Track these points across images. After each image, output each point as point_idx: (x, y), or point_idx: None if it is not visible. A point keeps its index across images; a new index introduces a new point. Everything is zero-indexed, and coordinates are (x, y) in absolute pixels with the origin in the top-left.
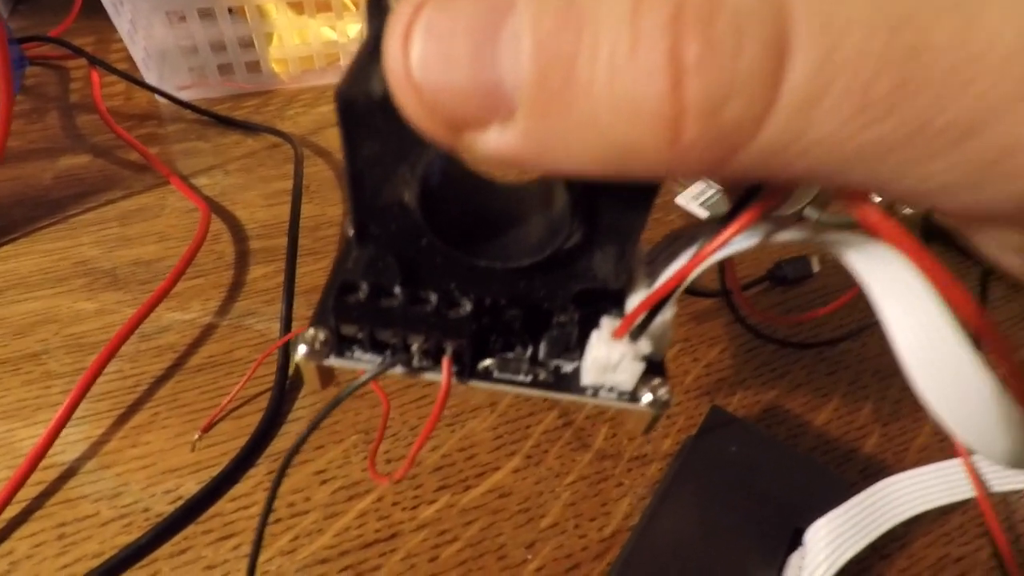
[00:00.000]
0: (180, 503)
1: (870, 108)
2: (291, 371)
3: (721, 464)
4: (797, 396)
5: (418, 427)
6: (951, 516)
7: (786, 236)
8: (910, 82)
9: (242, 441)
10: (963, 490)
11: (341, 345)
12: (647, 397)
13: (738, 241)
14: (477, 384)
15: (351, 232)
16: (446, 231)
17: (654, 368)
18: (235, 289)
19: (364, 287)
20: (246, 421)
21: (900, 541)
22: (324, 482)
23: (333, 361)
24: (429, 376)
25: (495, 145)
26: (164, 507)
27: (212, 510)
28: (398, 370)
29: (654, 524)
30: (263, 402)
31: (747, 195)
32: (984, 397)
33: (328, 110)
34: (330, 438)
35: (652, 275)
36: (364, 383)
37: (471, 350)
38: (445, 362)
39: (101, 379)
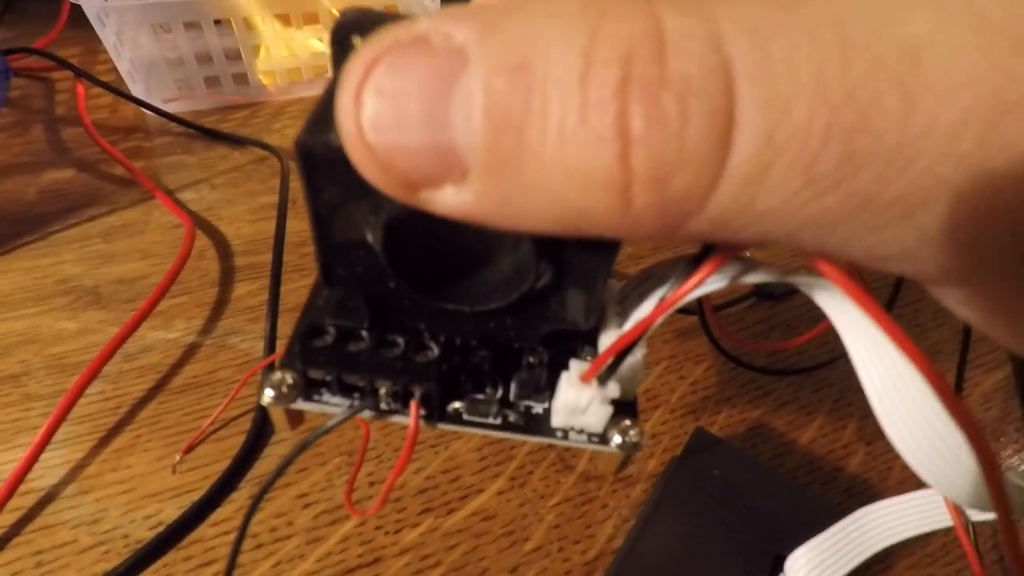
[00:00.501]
0: (160, 529)
1: (816, 182)
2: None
3: (705, 487)
4: (782, 415)
5: (400, 450)
6: (933, 537)
7: (755, 277)
8: (854, 158)
9: (224, 464)
10: (941, 519)
11: (309, 388)
12: (616, 439)
13: (706, 284)
14: (446, 427)
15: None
16: (412, 274)
17: (625, 408)
18: (219, 307)
19: (331, 330)
20: (228, 444)
21: (883, 563)
22: (307, 506)
23: (301, 404)
24: (398, 419)
25: (451, 203)
26: (144, 533)
27: (192, 536)
28: (366, 414)
29: (637, 548)
30: (246, 424)
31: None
32: (947, 448)
33: None
34: (313, 460)
35: (623, 313)
36: (331, 429)
37: (439, 393)
38: (413, 406)
39: (82, 401)
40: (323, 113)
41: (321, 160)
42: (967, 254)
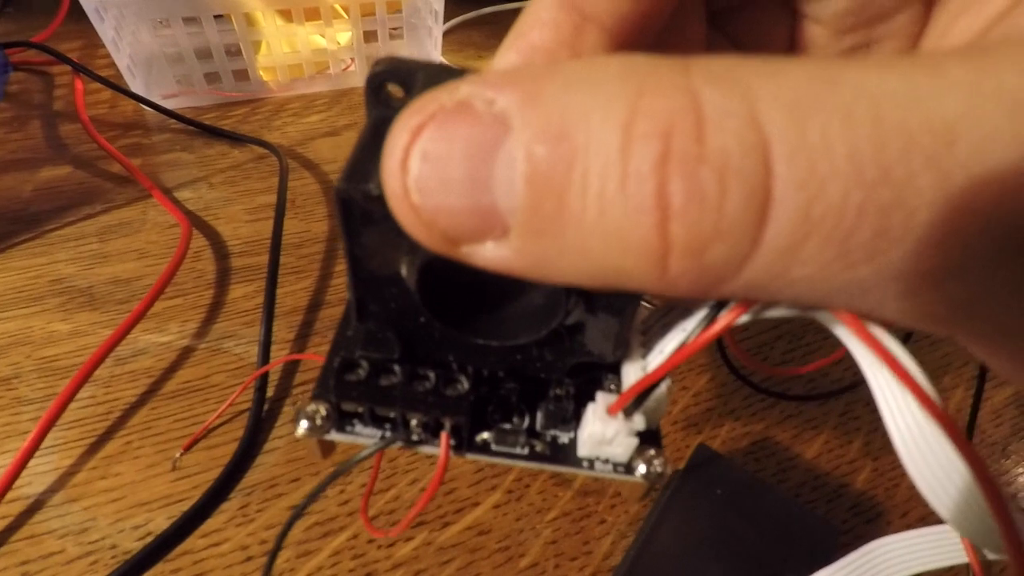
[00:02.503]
0: (149, 539)
1: (848, 255)
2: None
3: (706, 508)
4: (787, 428)
5: (396, 459)
6: (945, 572)
7: (777, 312)
8: (886, 233)
9: (215, 473)
10: (955, 555)
11: (341, 420)
12: (642, 469)
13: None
14: (475, 457)
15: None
16: (444, 310)
17: (650, 438)
18: (214, 310)
19: (364, 364)
20: (220, 452)
21: None
22: (299, 518)
23: (334, 436)
24: (427, 449)
25: (490, 257)
26: (132, 544)
27: (182, 547)
28: (397, 444)
29: (635, 568)
30: (238, 431)
31: None
32: (963, 488)
33: (316, 120)
34: (306, 470)
35: (647, 344)
36: (365, 458)
37: (469, 425)
38: (443, 437)
39: (73, 405)
40: (361, 159)
41: (360, 207)
42: (1000, 318)
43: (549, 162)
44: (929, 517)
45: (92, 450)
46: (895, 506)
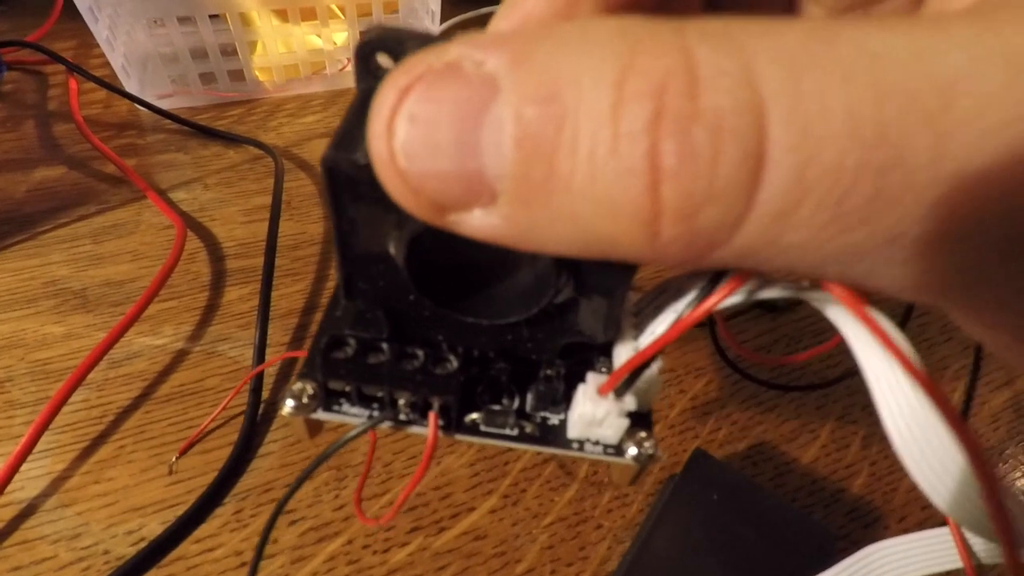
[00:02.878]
0: (142, 545)
1: (843, 218)
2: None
3: (702, 512)
4: (784, 431)
5: (391, 463)
6: None
7: (769, 293)
8: (884, 196)
9: (209, 477)
10: (950, 560)
11: (329, 399)
12: (632, 451)
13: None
14: (463, 438)
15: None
16: (433, 288)
17: (641, 420)
18: (209, 312)
19: (352, 342)
20: (214, 456)
21: None
22: (293, 523)
23: (321, 415)
24: (415, 429)
25: (478, 225)
26: (125, 549)
27: (175, 553)
28: (385, 424)
29: (632, 575)
30: (232, 435)
31: None
32: (957, 472)
33: (312, 120)
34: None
35: (639, 326)
36: (352, 439)
37: (458, 405)
38: (432, 417)
39: (66, 409)
40: (349, 129)
41: (346, 177)
42: (998, 287)
43: (538, 124)
44: (926, 522)
45: (85, 454)
46: (892, 510)
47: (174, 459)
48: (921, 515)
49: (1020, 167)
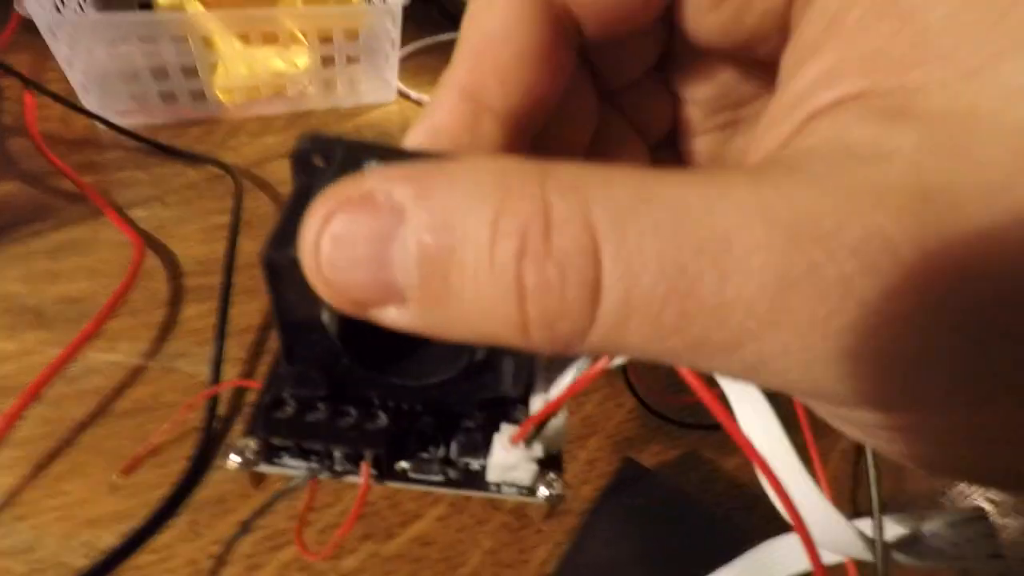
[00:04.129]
0: (96, 556)
1: (662, 329)
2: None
3: (630, 518)
4: (712, 441)
5: (338, 489)
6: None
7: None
8: (686, 313)
9: (165, 491)
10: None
11: (271, 453)
12: (543, 491)
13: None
14: (394, 484)
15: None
16: (364, 354)
17: (552, 463)
18: (166, 329)
19: (292, 402)
20: (170, 469)
21: None
22: (247, 532)
23: (264, 468)
24: (351, 479)
25: (393, 319)
26: (79, 561)
27: (129, 563)
28: (323, 475)
29: None
30: (188, 449)
31: None
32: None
33: (273, 141)
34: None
35: (549, 378)
36: (291, 490)
37: (388, 456)
38: (364, 468)
39: (20, 424)
40: (284, 226)
41: (284, 271)
42: (779, 377)
43: (435, 249)
44: None
45: (40, 469)
46: None
47: (114, 477)
48: None
49: (773, 294)
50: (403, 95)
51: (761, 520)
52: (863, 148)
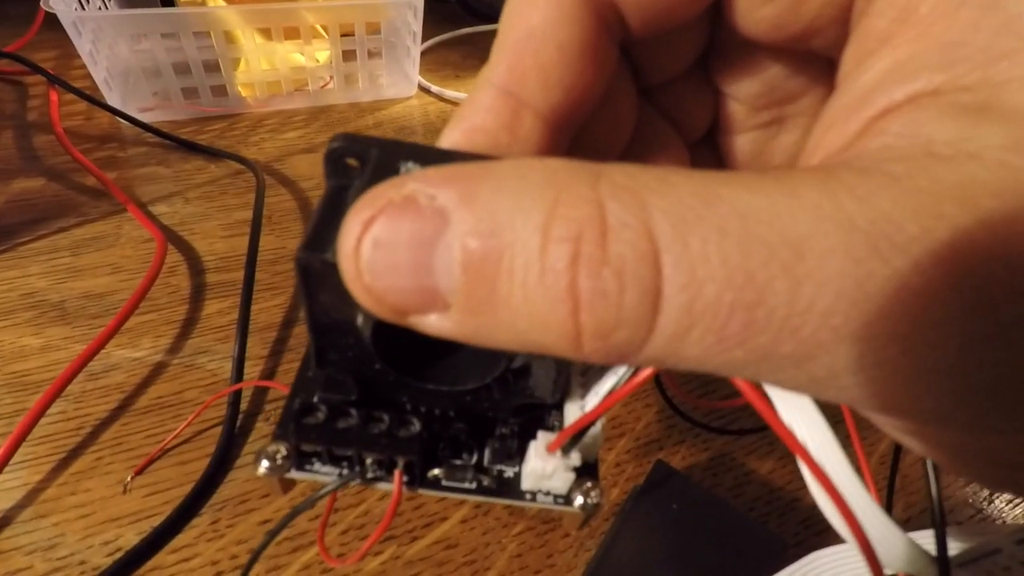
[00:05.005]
0: (118, 555)
1: (726, 341)
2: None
3: (663, 522)
4: (744, 444)
5: (360, 492)
6: None
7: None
8: (754, 324)
9: (186, 488)
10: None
11: (301, 459)
12: (579, 500)
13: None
14: (426, 492)
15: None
16: (397, 359)
17: (587, 471)
18: (188, 325)
19: (323, 408)
20: (192, 467)
21: None
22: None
23: (293, 474)
24: (382, 485)
25: (434, 326)
26: (101, 559)
27: (151, 563)
28: (354, 482)
29: None
30: (210, 446)
31: None
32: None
33: (294, 136)
34: None
35: (586, 385)
36: (321, 497)
37: (421, 463)
38: (397, 475)
39: (43, 421)
40: (319, 228)
41: (319, 274)
42: (847, 392)
43: (481, 254)
44: None
45: (62, 466)
46: None
47: (129, 479)
48: None
49: (849, 304)
50: (424, 89)
51: (798, 527)
52: (945, 147)
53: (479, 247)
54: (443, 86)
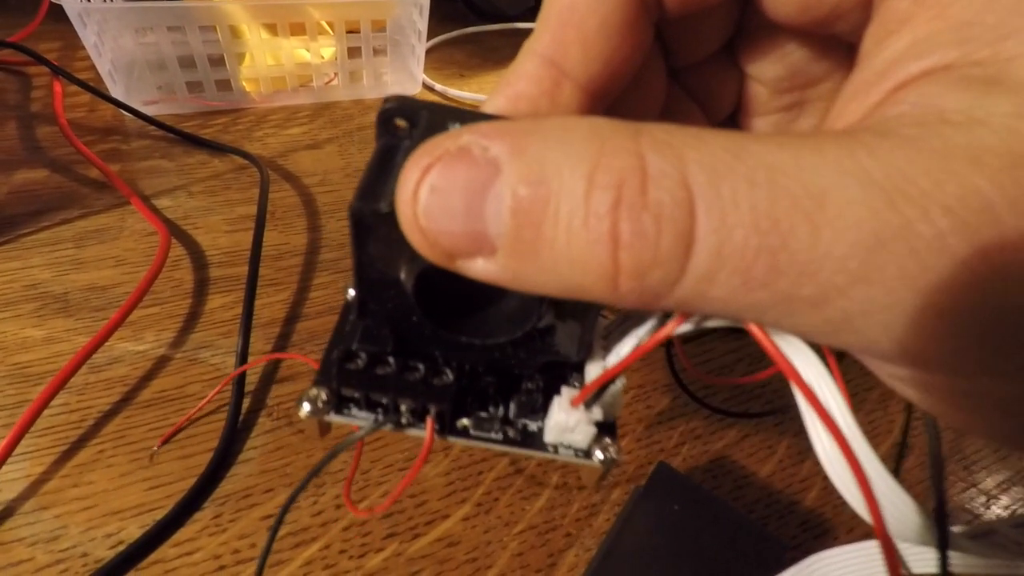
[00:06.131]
0: (121, 548)
1: (750, 282)
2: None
3: (664, 523)
4: (745, 447)
5: (369, 471)
6: None
7: (711, 323)
8: (776, 267)
9: (189, 483)
10: (883, 569)
11: (340, 404)
12: (599, 455)
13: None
14: (455, 440)
15: (349, 295)
16: (434, 311)
17: (607, 429)
18: (191, 320)
19: (362, 355)
20: (194, 461)
21: None
22: (271, 527)
23: (332, 417)
24: (413, 432)
25: (480, 270)
26: (104, 552)
27: (154, 556)
28: (387, 427)
29: None
30: (212, 441)
31: None
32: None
33: (297, 132)
34: (280, 480)
35: (607, 347)
36: (359, 439)
37: (451, 412)
38: (429, 422)
39: (45, 412)
40: (370, 181)
41: (369, 222)
42: (862, 335)
43: (530, 200)
44: (872, 532)
45: (65, 458)
46: (842, 522)
47: (155, 448)
48: (868, 527)
49: (865, 252)
50: (428, 88)
51: (796, 530)
52: (956, 115)
53: (528, 194)
54: (447, 85)
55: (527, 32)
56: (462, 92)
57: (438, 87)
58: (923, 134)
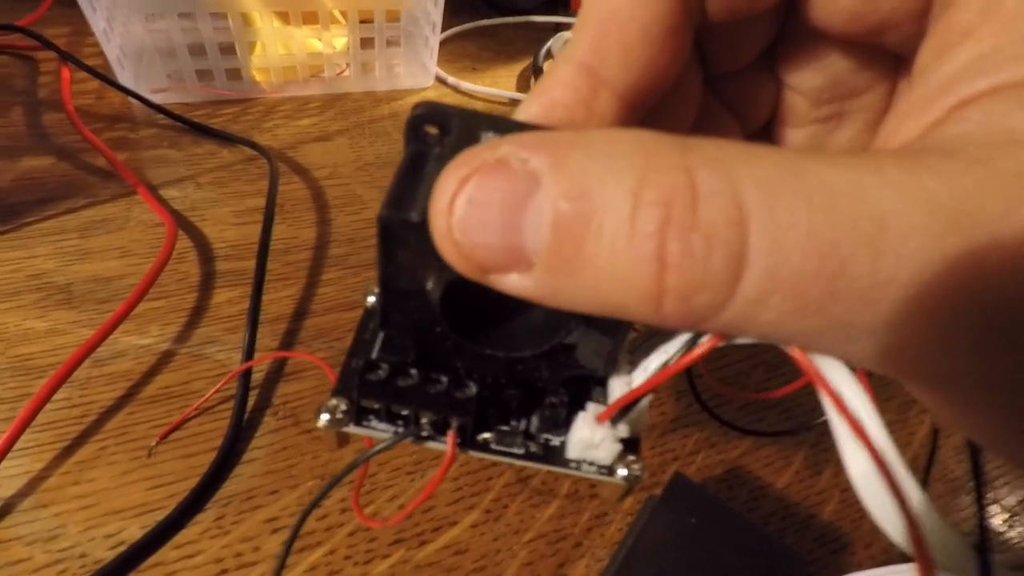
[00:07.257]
0: (121, 549)
1: (804, 308)
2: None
3: (680, 536)
4: (761, 458)
5: (375, 474)
6: None
7: (747, 339)
8: (833, 294)
9: (191, 483)
10: None
11: (359, 415)
12: (622, 472)
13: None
14: (476, 454)
15: (369, 302)
16: (458, 322)
17: (630, 445)
18: (197, 314)
19: (384, 366)
20: (197, 460)
21: None
22: (275, 531)
23: (352, 428)
24: (434, 445)
25: (514, 285)
26: (103, 553)
27: (154, 558)
28: (408, 439)
29: None
30: (216, 440)
31: None
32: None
33: (308, 123)
34: (285, 483)
35: (633, 363)
36: (380, 452)
37: (473, 426)
38: (450, 435)
39: (47, 407)
40: (399, 189)
41: (398, 233)
42: (915, 366)
43: (571, 215)
44: (891, 548)
45: (65, 454)
46: (860, 537)
47: (153, 443)
48: (886, 542)
49: (930, 278)
50: (440, 80)
51: (813, 544)
52: None
53: (569, 209)
54: (460, 78)
55: (541, 26)
56: (475, 86)
57: (450, 80)
58: (992, 155)
